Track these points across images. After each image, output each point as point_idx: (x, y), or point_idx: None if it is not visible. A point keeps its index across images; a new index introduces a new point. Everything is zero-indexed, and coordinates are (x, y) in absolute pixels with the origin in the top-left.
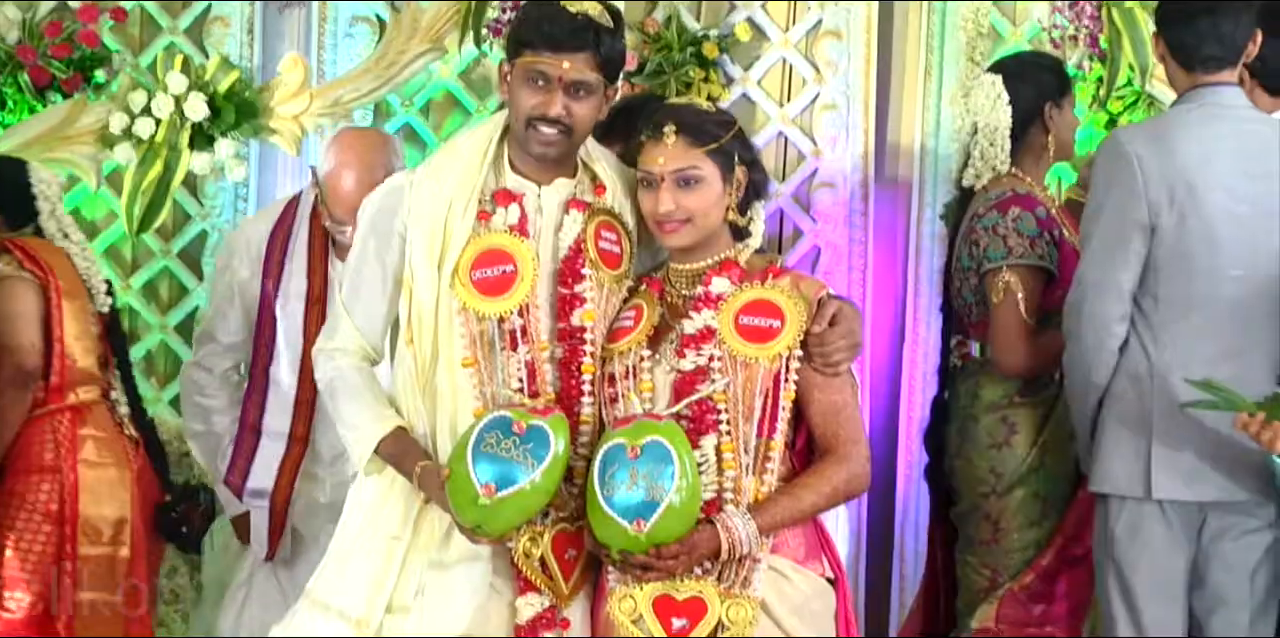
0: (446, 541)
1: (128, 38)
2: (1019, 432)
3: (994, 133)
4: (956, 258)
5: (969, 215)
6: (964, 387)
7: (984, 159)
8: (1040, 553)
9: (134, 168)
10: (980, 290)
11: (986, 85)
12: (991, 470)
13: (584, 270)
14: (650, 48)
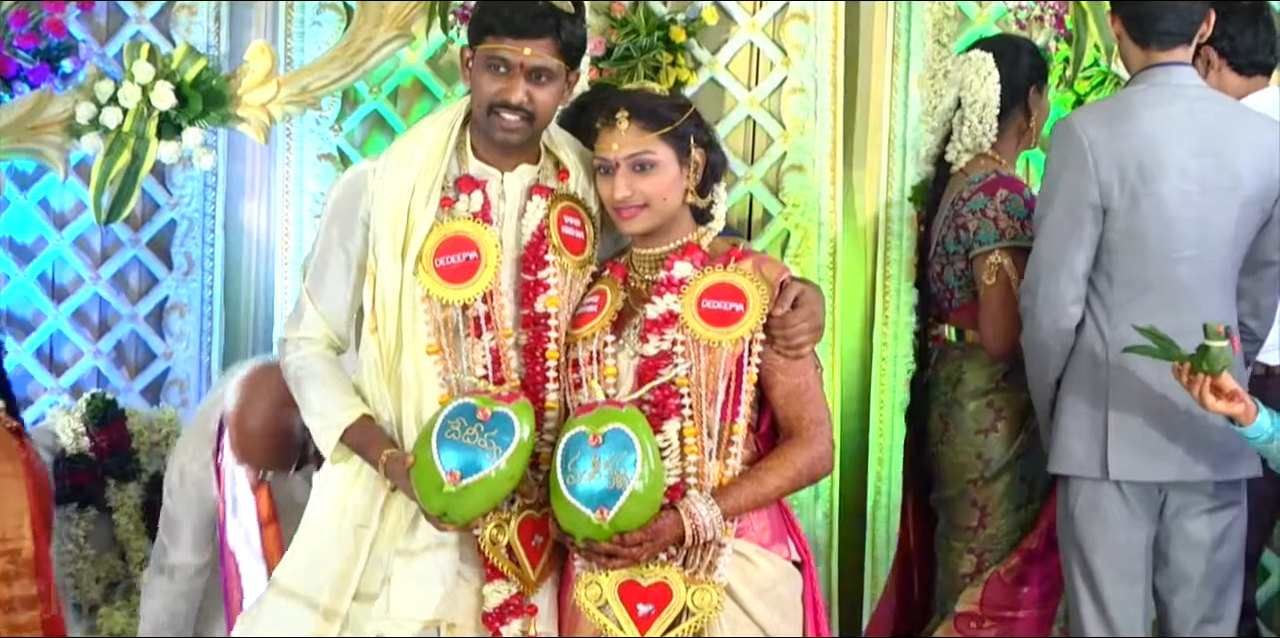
0: (413, 528)
1: (94, 27)
2: (1005, 417)
3: (982, 109)
4: (938, 242)
5: (951, 199)
6: (944, 372)
7: (970, 135)
8: (1026, 536)
9: (101, 157)
10: (966, 274)
11: (976, 61)
12: (978, 456)
13: (547, 257)
14: (618, 32)
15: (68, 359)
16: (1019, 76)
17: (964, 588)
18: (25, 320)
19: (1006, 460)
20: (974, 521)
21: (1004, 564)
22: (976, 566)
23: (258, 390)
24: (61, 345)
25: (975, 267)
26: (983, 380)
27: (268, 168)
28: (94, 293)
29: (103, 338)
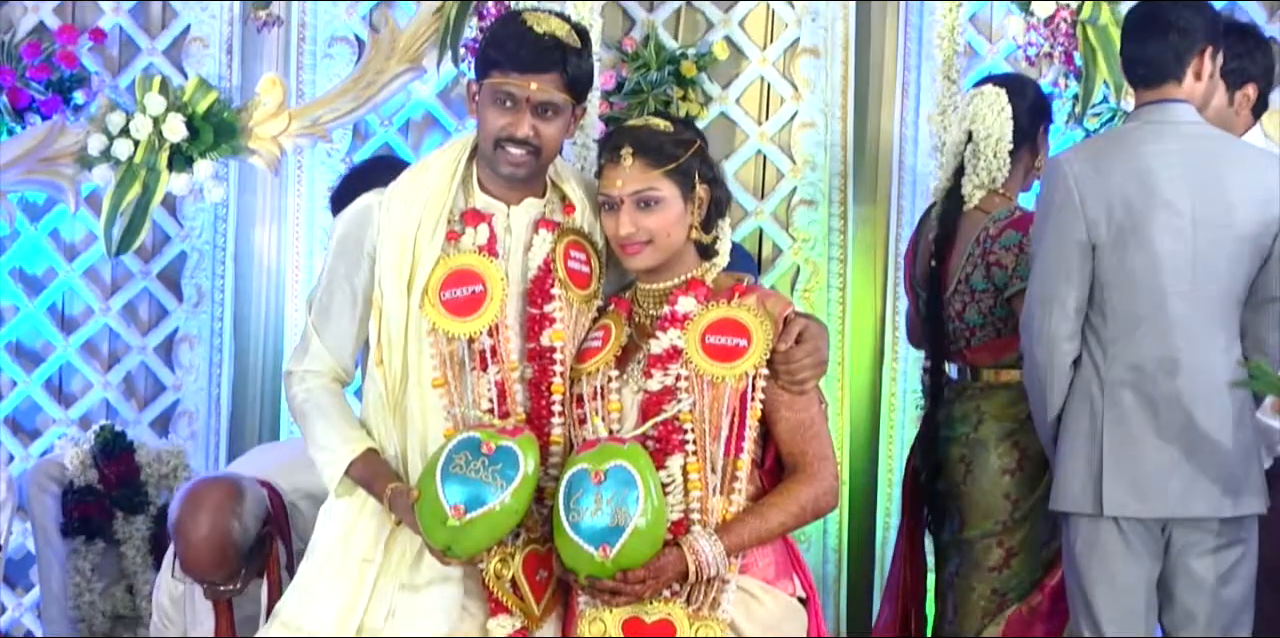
0: (418, 563)
1: (107, 58)
2: (1030, 456)
3: (996, 143)
4: (961, 279)
5: (976, 236)
6: (960, 411)
7: (986, 169)
8: (1048, 573)
9: (112, 189)
10: (993, 312)
11: (989, 95)
12: (1005, 497)
13: (553, 290)
14: (628, 66)
15: (77, 391)
16: (1029, 114)
17: (984, 627)
18: (35, 352)
19: (1034, 501)
20: (998, 561)
21: (1026, 602)
22: (998, 605)
23: (198, 503)
24: (71, 377)
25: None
26: (1007, 420)
27: (279, 200)
28: (104, 324)
29: (112, 369)
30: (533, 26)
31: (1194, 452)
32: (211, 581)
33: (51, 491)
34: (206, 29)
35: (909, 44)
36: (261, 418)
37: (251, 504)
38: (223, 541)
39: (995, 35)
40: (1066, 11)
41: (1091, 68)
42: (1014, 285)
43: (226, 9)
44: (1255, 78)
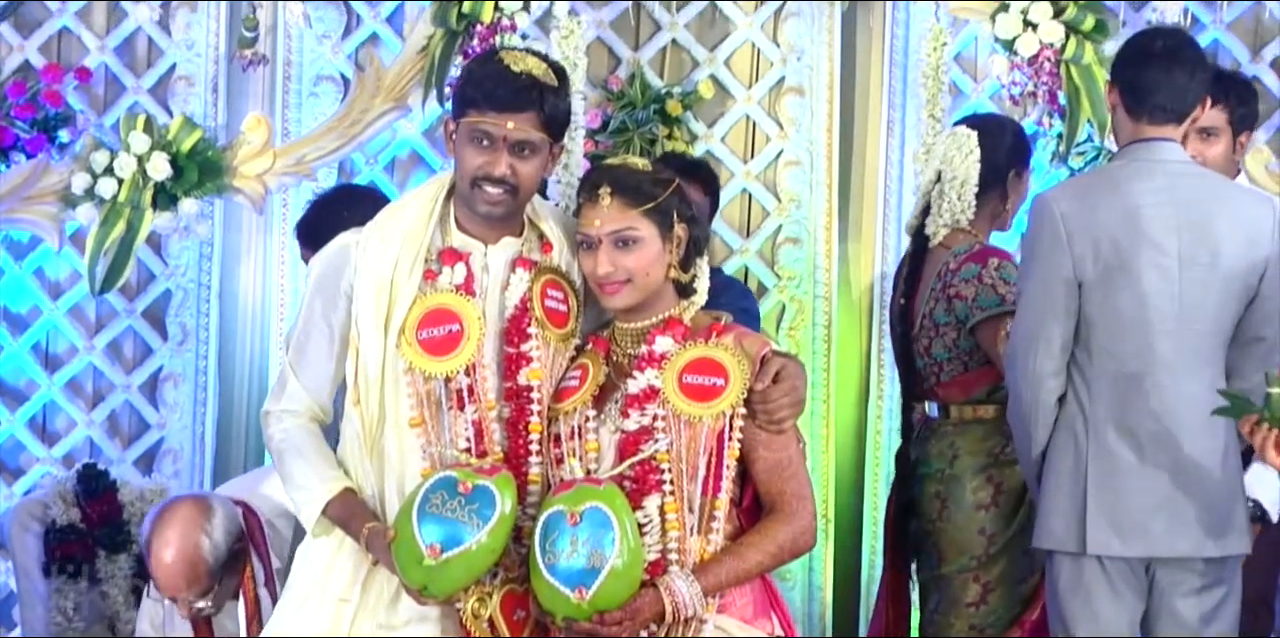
0: (395, 602)
1: (92, 97)
2: (1005, 491)
3: (961, 185)
4: (925, 314)
5: (937, 271)
6: (935, 448)
7: (950, 211)
8: (1028, 608)
9: (97, 228)
10: (958, 345)
11: (961, 137)
12: (981, 532)
13: (530, 329)
14: (614, 105)
15: (61, 429)
16: (1001, 157)
17: None
18: (18, 390)
19: (1009, 536)
20: (975, 597)
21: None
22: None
23: (167, 519)
24: (55, 415)
25: (982, 335)
26: (980, 456)
27: (263, 238)
28: (88, 362)
29: (96, 408)
30: (509, 65)
31: (1179, 491)
32: (185, 598)
33: (34, 529)
34: (192, 67)
35: (894, 83)
36: (246, 456)
37: (222, 520)
38: (192, 555)
39: (980, 74)
40: (1050, 51)
41: (1075, 106)
42: (975, 316)
43: (212, 48)
44: (1250, 126)
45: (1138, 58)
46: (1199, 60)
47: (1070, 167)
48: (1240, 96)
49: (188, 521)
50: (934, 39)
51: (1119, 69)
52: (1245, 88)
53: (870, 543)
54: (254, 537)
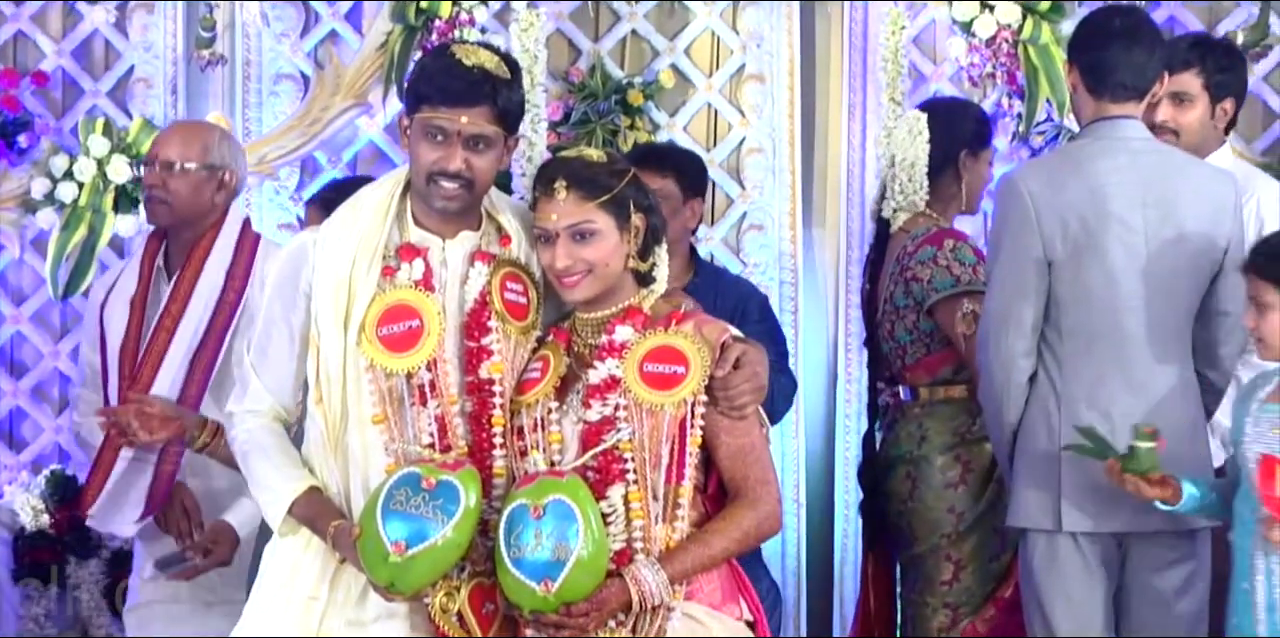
0: (363, 599)
1: (50, 101)
2: (973, 469)
3: (911, 167)
4: (886, 299)
5: (895, 256)
6: (904, 430)
7: (902, 192)
8: (1000, 586)
9: (58, 232)
10: (919, 328)
11: (910, 120)
12: (950, 511)
13: (490, 323)
14: (576, 96)
15: (28, 436)
16: (950, 140)
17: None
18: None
19: (979, 513)
20: (948, 575)
21: (979, 616)
22: (952, 619)
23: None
24: (21, 422)
25: (940, 316)
26: (948, 435)
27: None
28: (53, 368)
29: (63, 413)
30: (461, 59)
31: None
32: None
33: (2, 536)
34: (150, 69)
35: (854, 67)
36: None
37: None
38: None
39: (939, 57)
40: (1008, 32)
41: (1034, 86)
42: (930, 297)
43: (170, 49)
44: (1234, 93)
45: (1096, 37)
46: (1156, 36)
47: (1031, 146)
48: (1219, 62)
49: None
50: (892, 23)
51: (1077, 49)
52: (1226, 53)
53: (842, 526)
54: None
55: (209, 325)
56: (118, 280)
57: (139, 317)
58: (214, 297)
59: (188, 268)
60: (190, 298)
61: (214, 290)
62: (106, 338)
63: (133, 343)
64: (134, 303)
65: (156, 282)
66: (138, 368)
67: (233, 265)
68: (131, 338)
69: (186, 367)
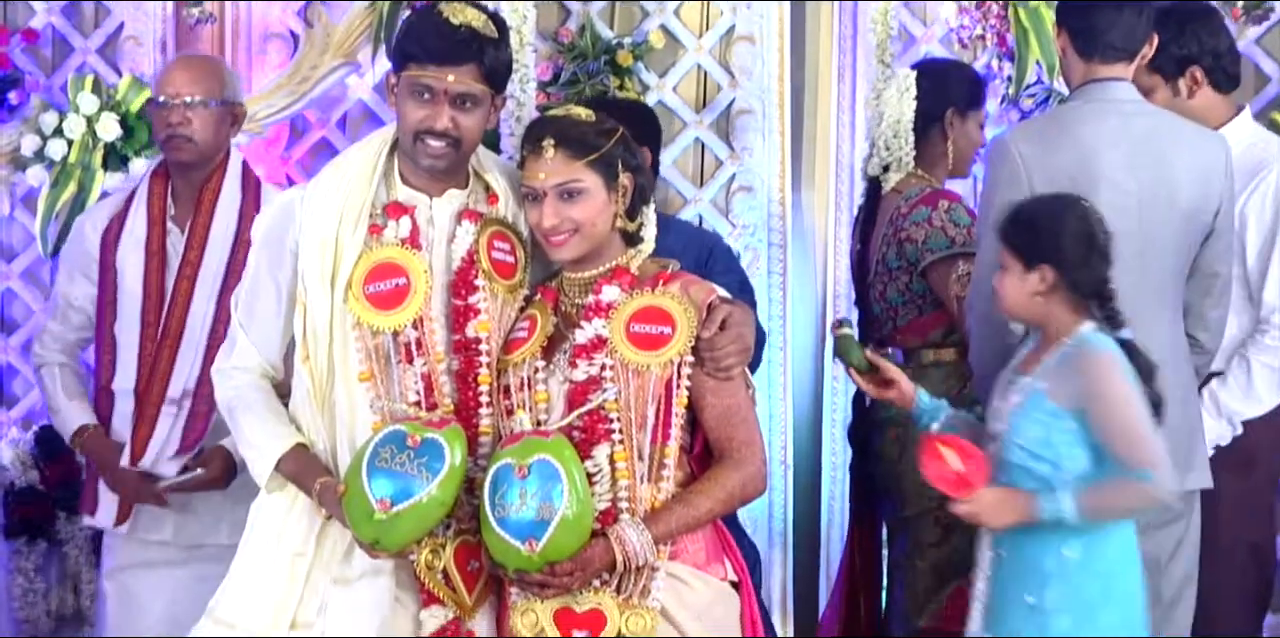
0: (349, 556)
1: (40, 58)
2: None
3: (896, 124)
4: (878, 260)
5: (889, 216)
6: None
7: (888, 150)
8: None
9: (47, 190)
10: (911, 289)
11: (899, 79)
12: None
13: (477, 282)
14: (565, 57)
15: (18, 392)
16: (938, 98)
17: (927, 604)
18: None
19: None
20: (935, 537)
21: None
22: (938, 582)
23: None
24: (11, 378)
25: (934, 277)
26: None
27: None
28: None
29: None
30: (448, 18)
31: None
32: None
33: None
34: (140, 27)
35: (843, 29)
36: None
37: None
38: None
39: (929, 19)
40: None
41: (1024, 49)
42: (925, 258)
43: (160, 7)
44: (1194, 59)
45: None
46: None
47: (1021, 109)
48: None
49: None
50: None
51: (1067, 12)
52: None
53: (829, 488)
54: None
55: (228, 268)
56: (126, 219)
57: (158, 262)
58: (229, 239)
59: (199, 213)
60: (206, 243)
61: (228, 233)
62: (120, 281)
63: (155, 290)
64: (149, 249)
65: (169, 231)
66: (165, 318)
67: (243, 206)
68: (154, 285)
69: (213, 312)
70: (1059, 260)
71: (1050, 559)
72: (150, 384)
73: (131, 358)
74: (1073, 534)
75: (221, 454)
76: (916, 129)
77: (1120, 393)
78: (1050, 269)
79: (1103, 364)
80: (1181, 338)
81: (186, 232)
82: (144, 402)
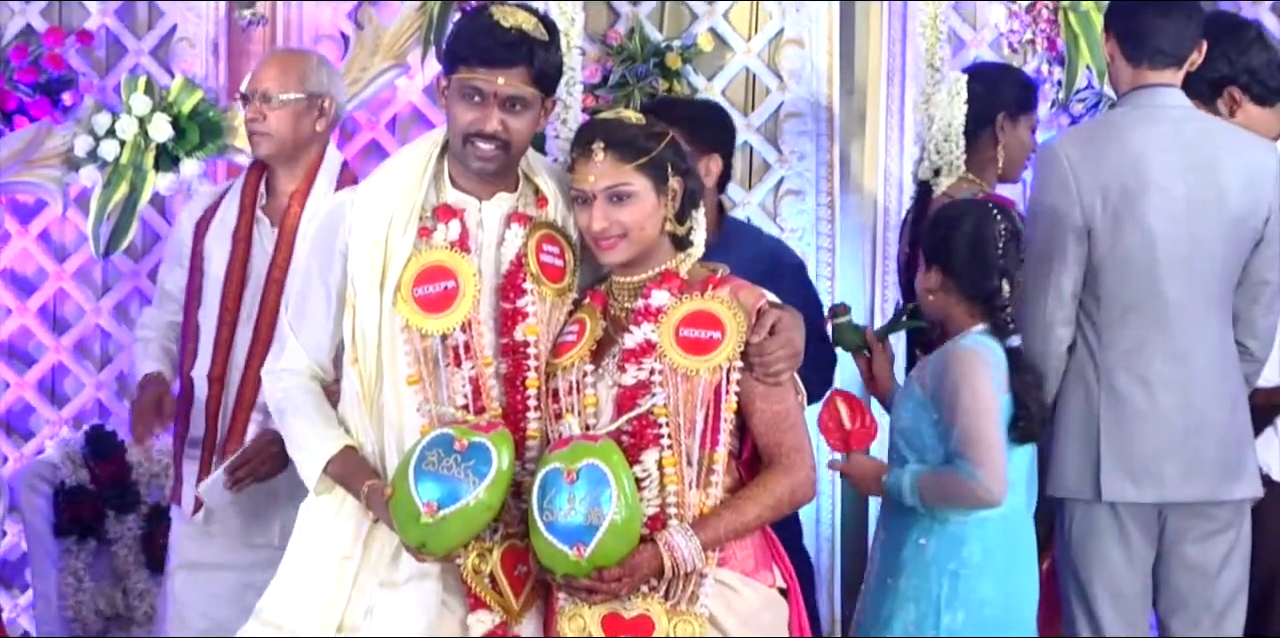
0: (396, 559)
1: (94, 60)
2: None
3: (948, 128)
4: None
5: None
6: None
7: (939, 153)
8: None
9: (100, 190)
10: None
11: (950, 82)
12: None
13: (525, 285)
14: (613, 59)
15: (70, 391)
16: (990, 102)
17: None
18: (26, 353)
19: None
20: None
21: None
22: None
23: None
24: (63, 377)
25: None
26: None
27: None
28: (95, 325)
29: (104, 369)
30: (499, 20)
31: (1190, 435)
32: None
33: (43, 491)
34: (193, 29)
35: (893, 32)
36: None
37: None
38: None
39: (978, 23)
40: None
41: (1074, 53)
42: None
43: (212, 9)
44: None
45: (1134, 4)
46: (1193, 4)
47: (1070, 114)
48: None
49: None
50: None
51: (1115, 17)
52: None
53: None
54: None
55: None
56: (219, 209)
57: (243, 250)
58: None
59: (288, 218)
60: (293, 247)
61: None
62: (206, 267)
63: (236, 276)
64: (236, 236)
65: (258, 221)
66: (256, 321)
67: None
68: (235, 271)
69: None
70: (946, 263)
71: (909, 546)
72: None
73: (209, 345)
74: (931, 527)
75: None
76: (967, 133)
77: (973, 393)
78: (938, 270)
79: (966, 364)
80: (1231, 345)
81: (276, 227)
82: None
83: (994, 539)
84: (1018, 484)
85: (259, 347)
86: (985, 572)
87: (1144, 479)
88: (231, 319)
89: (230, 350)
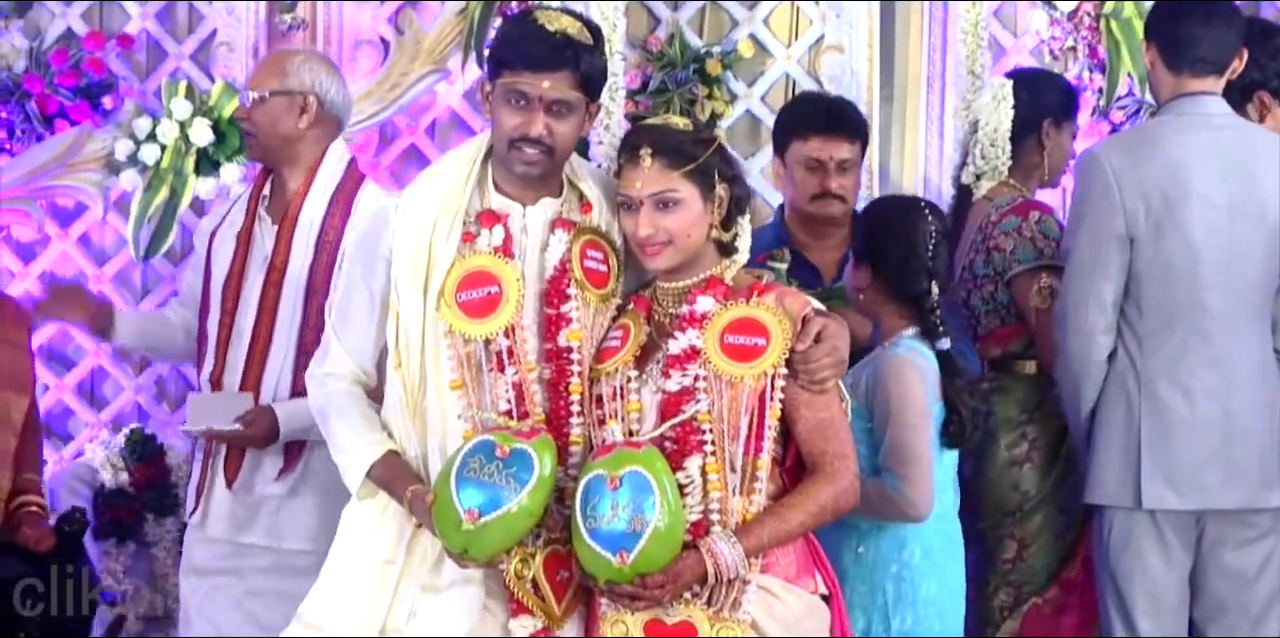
0: (439, 564)
1: (134, 64)
2: (1039, 447)
3: (994, 133)
4: (965, 267)
5: (979, 223)
6: None
7: (984, 158)
8: (1065, 565)
9: (140, 194)
10: (995, 299)
11: (995, 88)
12: (1015, 489)
13: (569, 290)
14: (654, 65)
15: (109, 394)
16: (1035, 108)
17: (1003, 621)
18: (66, 356)
19: (1044, 492)
20: (1012, 553)
21: (1043, 595)
22: (1015, 598)
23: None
24: (102, 381)
25: (1017, 288)
26: (1014, 411)
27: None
28: None
29: (143, 373)
30: (544, 25)
31: (1230, 442)
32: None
33: (83, 493)
34: (233, 33)
35: (933, 39)
36: None
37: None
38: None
39: (1019, 29)
40: (1090, 5)
41: (1115, 61)
42: (1013, 268)
43: (252, 13)
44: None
45: (1175, 12)
46: (1234, 10)
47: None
48: None
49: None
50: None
51: (1155, 25)
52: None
53: None
54: None
55: (311, 269)
56: (229, 213)
57: (243, 252)
58: (311, 241)
59: (287, 217)
60: (291, 247)
61: (311, 234)
62: (212, 269)
63: (235, 279)
64: (240, 237)
65: (260, 219)
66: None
67: (330, 206)
68: (235, 274)
69: (300, 314)
70: (874, 262)
71: (848, 556)
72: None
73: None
74: (869, 532)
75: (268, 415)
76: (1012, 138)
77: (905, 405)
78: (867, 268)
79: (900, 373)
80: (1269, 353)
81: (276, 225)
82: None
83: (931, 540)
84: (946, 486)
85: (257, 346)
86: (926, 572)
87: (1185, 487)
88: (230, 319)
89: (229, 351)
